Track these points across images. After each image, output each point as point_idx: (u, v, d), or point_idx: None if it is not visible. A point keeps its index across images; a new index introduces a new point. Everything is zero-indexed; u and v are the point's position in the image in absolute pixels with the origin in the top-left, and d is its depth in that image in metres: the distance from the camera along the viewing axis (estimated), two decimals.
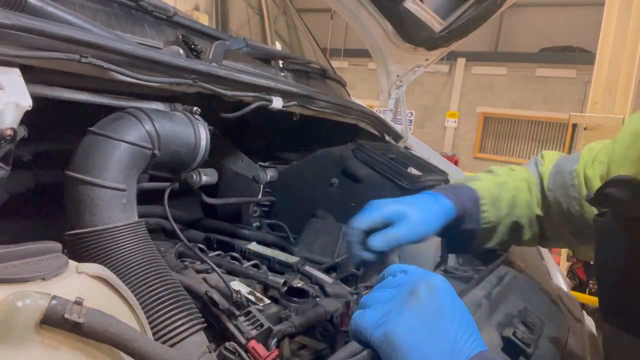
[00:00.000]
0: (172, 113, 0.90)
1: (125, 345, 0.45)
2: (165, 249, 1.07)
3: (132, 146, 0.78)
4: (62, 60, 0.67)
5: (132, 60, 0.78)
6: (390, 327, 0.55)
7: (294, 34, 2.36)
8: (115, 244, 0.71)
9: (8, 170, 0.62)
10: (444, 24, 1.93)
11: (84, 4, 0.91)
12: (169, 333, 0.66)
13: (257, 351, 0.73)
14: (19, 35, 0.62)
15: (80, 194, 0.73)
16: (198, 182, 0.97)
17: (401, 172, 1.31)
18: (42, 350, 0.41)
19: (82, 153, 0.75)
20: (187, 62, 0.90)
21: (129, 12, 1.00)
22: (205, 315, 0.75)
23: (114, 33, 0.86)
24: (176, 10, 1.09)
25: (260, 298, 0.93)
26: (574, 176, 0.94)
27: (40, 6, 0.74)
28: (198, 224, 1.32)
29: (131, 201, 0.77)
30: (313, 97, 1.28)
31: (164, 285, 0.70)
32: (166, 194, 0.92)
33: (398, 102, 2.42)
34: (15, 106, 0.59)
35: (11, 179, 0.65)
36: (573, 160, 0.97)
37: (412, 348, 0.53)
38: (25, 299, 0.40)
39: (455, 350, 0.52)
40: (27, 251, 0.48)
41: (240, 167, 1.45)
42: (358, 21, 2.02)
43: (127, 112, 0.81)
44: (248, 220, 1.43)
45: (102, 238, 0.71)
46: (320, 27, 10.75)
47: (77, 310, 0.42)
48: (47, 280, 0.46)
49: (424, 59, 2.16)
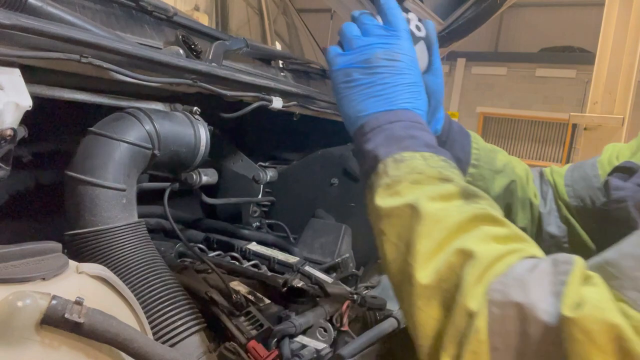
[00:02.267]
0: (172, 113, 0.90)
1: (125, 345, 0.45)
2: (165, 249, 1.07)
3: (132, 146, 0.78)
4: (62, 60, 0.67)
5: (132, 60, 0.78)
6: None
7: (294, 34, 2.36)
8: (115, 244, 0.71)
9: (8, 170, 0.62)
10: (443, 24, 1.93)
11: (84, 4, 0.91)
12: (169, 333, 0.66)
13: (257, 351, 0.73)
14: (19, 35, 0.62)
15: (80, 194, 0.73)
16: (198, 182, 0.97)
17: None
18: (42, 350, 0.41)
19: (82, 153, 0.75)
20: (187, 62, 0.90)
21: (129, 12, 1.00)
22: (205, 315, 0.75)
23: (114, 33, 0.86)
24: (176, 10, 1.09)
25: (260, 298, 0.93)
26: (597, 167, 0.90)
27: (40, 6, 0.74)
28: (198, 224, 1.32)
29: (131, 201, 0.78)
30: (313, 97, 1.28)
31: (164, 285, 0.70)
32: (166, 194, 0.92)
33: None
34: (15, 106, 0.59)
35: (11, 179, 0.65)
36: (593, 157, 0.94)
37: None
38: (25, 299, 0.40)
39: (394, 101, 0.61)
40: (27, 251, 0.48)
41: (240, 167, 1.45)
42: None
43: (127, 112, 0.81)
44: (248, 220, 1.43)
45: (102, 238, 0.71)
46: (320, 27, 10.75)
47: (77, 310, 0.42)
48: (47, 280, 0.46)
49: None
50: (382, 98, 0.62)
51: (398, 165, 0.57)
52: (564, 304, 0.39)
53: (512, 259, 0.45)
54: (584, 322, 0.37)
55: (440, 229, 0.49)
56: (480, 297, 0.43)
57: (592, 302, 0.38)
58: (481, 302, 0.43)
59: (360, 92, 0.63)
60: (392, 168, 0.57)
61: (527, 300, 0.40)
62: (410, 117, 0.62)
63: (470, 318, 0.43)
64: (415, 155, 0.57)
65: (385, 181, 0.56)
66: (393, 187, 0.55)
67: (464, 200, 0.53)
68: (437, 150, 0.60)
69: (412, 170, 0.55)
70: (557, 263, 0.43)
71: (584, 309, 0.38)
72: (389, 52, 0.64)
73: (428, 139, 0.61)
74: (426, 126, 0.64)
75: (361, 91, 0.63)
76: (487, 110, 11.66)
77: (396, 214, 0.54)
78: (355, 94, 0.64)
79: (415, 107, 0.64)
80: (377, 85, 0.63)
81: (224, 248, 1.19)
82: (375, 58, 0.63)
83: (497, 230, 0.50)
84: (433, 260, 0.48)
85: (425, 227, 0.50)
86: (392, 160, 0.57)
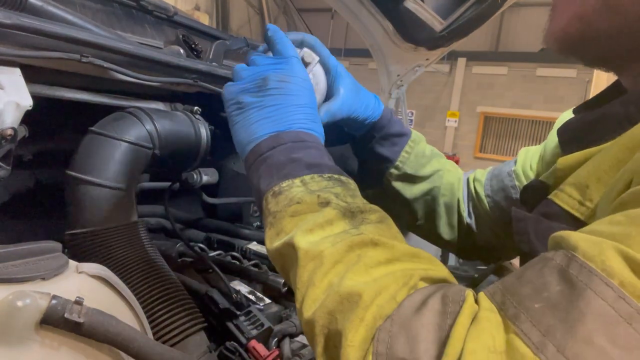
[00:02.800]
0: (172, 113, 0.90)
1: (125, 345, 0.45)
2: (165, 249, 1.07)
3: (133, 146, 0.78)
4: (63, 59, 0.67)
5: (133, 59, 0.78)
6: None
7: None
8: (115, 244, 0.71)
9: (9, 170, 0.62)
10: (444, 23, 1.93)
11: (85, 4, 0.91)
12: (169, 333, 0.66)
13: (258, 351, 0.73)
14: (20, 34, 0.62)
15: (80, 194, 0.73)
16: (199, 181, 0.97)
17: None
18: (42, 350, 0.41)
19: (83, 152, 0.75)
20: (188, 61, 0.90)
21: (130, 12, 1.00)
22: (205, 315, 0.75)
23: (115, 33, 0.86)
24: (177, 10, 1.09)
25: (261, 298, 0.93)
26: (514, 177, 0.87)
27: (41, 6, 0.74)
28: (198, 224, 1.32)
29: (132, 201, 0.78)
30: None
31: (164, 285, 0.70)
32: (167, 193, 0.92)
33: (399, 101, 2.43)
34: (16, 106, 0.59)
35: (12, 178, 0.65)
36: (509, 164, 0.91)
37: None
38: (25, 298, 0.40)
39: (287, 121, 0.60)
40: (27, 251, 0.48)
41: (240, 167, 1.45)
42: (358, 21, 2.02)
43: (128, 112, 0.81)
44: (248, 220, 1.43)
45: (102, 238, 0.71)
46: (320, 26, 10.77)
47: (77, 310, 0.42)
48: (47, 280, 0.46)
49: (424, 59, 2.16)
50: (271, 119, 0.60)
51: (277, 199, 0.54)
52: (446, 357, 0.35)
53: (399, 293, 0.41)
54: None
55: (315, 268, 0.46)
56: (362, 347, 0.39)
57: (470, 355, 0.34)
58: (362, 353, 0.38)
59: (251, 115, 0.61)
60: (272, 204, 0.54)
61: (412, 356, 0.36)
62: (295, 137, 0.59)
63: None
64: (294, 183, 0.54)
65: (269, 220, 0.53)
66: (276, 225, 0.52)
67: (348, 221, 0.49)
68: (320, 168, 0.56)
69: (291, 201, 0.52)
70: (447, 301, 0.39)
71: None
72: (280, 75, 0.63)
73: (312, 156, 0.58)
74: (315, 140, 0.61)
75: (252, 114, 0.61)
76: (488, 109, 11.66)
77: (282, 254, 0.51)
78: (246, 117, 0.62)
79: (308, 128, 0.61)
80: (267, 107, 0.61)
81: (224, 248, 1.19)
82: (266, 81, 0.62)
83: (379, 254, 0.45)
84: (316, 302, 0.44)
85: (301, 268, 0.47)
86: (271, 195, 0.54)
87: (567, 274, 0.35)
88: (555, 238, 0.40)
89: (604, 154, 0.49)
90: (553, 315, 0.34)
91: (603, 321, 0.32)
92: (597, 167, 0.49)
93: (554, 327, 0.33)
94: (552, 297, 0.35)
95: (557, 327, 0.33)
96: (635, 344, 0.31)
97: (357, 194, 0.56)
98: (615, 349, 0.31)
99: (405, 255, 0.46)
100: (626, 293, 0.33)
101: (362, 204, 0.53)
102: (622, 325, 0.32)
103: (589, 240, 0.36)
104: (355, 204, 0.52)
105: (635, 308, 0.32)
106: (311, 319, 0.44)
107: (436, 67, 10.93)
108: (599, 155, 0.50)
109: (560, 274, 0.36)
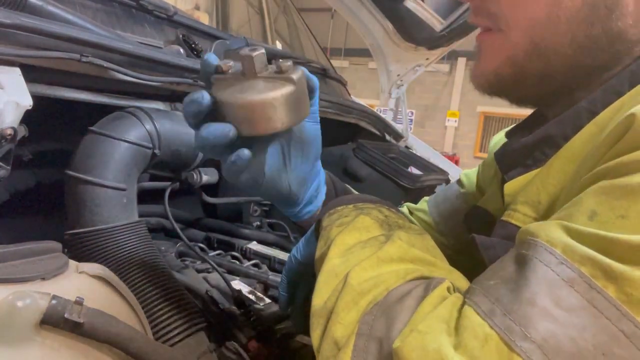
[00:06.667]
0: (172, 112, 0.90)
1: (125, 345, 0.45)
2: (165, 249, 1.07)
3: (133, 145, 0.77)
4: (63, 59, 0.67)
5: (133, 59, 0.78)
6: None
7: (294, 33, 2.36)
8: (115, 244, 0.71)
9: (8, 170, 0.62)
10: (444, 23, 1.93)
11: (85, 3, 0.91)
12: (169, 333, 0.66)
13: (258, 351, 0.73)
14: (19, 34, 0.62)
15: (80, 194, 0.73)
16: (199, 181, 0.97)
17: (402, 171, 1.31)
18: (42, 350, 0.41)
19: (83, 152, 0.75)
20: (188, 61, 0.90)
21: (129, 12, 1.00)
22: (205, 314, 0.75)
23: (115, 32, 0.86)
24: (176, 9, 1.09)
25: (261, 297, 0.93)
26: (462, 201, 0.85)
27: (41, 5, 0.74)
28: (198, 224, 1.32)
29: (131, 200, 0.77)
30: None
31: (164, 285, 0.70)
32: (167, 193, 0.92)
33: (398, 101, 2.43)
34: (16, 105, 0.59)
35: (11, 178, 0.65)
36: (452, 187, 0.90)
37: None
38: (25, 298, 0.40)
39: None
40: (27, 251, 0.48)
41: None
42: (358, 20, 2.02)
43: (128, 112, 0.81)
44: (248, 220, 1.43)
45: (102, 237, 0.71)
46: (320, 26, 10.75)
47: (77, 310, 0.42)
48: (47, 280, 0.46)
49: (424, 58, 2.16)
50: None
51: (330, 217, 0.57)
52: (401, 334, 0.37)
53: (392, 283, 0.43)
54: (402, 351, 0.35)
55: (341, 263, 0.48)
56: (350, 327, 0.41)
57: (419, 327, 0.36)
58: (349, 332, 0.41)
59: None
60: (326, 221, 0.57)
61: (387, 335, 0.38)
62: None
63: (336, 348, 0.41)
64: (347, 207, 0.58)
65: (321, 234, 0.56)
66: (324, 236, 0.55)
67: (384, 229, 0.52)
68: (372, 202, 0.60)
69: (340, 216, 0.56)
70: (429, 288, 0.41)
71: (408, 337, 0.36)
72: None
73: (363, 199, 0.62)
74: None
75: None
76: (488, 109, 11.65)
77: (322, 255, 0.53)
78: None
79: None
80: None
81: (224, 247, 1.19)
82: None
83: (392, 251, 0.47)
84: (330, 285, 0.46)
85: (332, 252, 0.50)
86: (327, 215, 0.58)
87: (521, 254, 0.38)
88: (519, 234, 0.42)
89: (547, 170, 0.51)
90: (505, 287, 0.36)
91: (546, 284, 0.34)
92: (545, 183, 0.51)
93: (504, 295, 0.36)
94: (506, 275, 0.37)
95: (506, 295, 0.35)
96: (577, 305, 0.33)
97: (405, 218, 0.58)
98: (558, 310, 0.33)
99: (418, 257, 0.48)
100: (567, 258, 0.35)
101: (403, 222, 0.55)
102: (564, 288, 0.34)
103: (538, 224, 0.40)
104: (397, 221, 0.55)
105: (576, 272, 0.34)
106: (320, 300, 0.46)
107: (436, 67, 10.91)
108: (542, 173, 0.52)
109: (516, 257, 0.38)
